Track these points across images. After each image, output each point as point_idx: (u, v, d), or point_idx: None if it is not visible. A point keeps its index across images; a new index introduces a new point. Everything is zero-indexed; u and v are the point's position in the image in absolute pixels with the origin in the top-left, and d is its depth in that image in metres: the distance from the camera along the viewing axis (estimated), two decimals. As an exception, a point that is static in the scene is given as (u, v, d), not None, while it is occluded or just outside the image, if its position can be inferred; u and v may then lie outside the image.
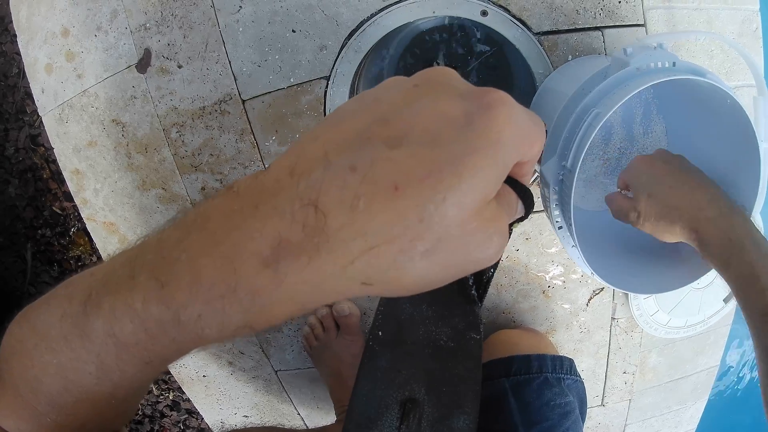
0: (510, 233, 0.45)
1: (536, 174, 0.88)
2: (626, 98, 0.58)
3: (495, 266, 0.60)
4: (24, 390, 0.27)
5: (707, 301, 0.98)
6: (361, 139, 0.21)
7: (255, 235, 0.21)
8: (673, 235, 0.63)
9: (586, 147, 0.60)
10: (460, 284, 0.68)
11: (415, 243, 0.20)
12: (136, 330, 0.23)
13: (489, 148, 0.21)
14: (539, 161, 0.74)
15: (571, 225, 0.65)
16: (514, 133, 0.22)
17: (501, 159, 0.21)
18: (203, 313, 0.22)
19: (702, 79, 0.59)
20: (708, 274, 0.96)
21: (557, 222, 0.69)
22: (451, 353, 0.65)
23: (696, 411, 1.16)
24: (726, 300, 0.98)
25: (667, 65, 0.62)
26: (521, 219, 0.28)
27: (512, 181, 0.26)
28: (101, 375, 0.25)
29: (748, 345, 1.24)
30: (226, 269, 0.21)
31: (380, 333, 0.66)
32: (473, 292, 0.71)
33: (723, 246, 0.57)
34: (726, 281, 0.59)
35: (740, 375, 1.24)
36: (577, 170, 0.61)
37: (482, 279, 0.69)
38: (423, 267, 0.21)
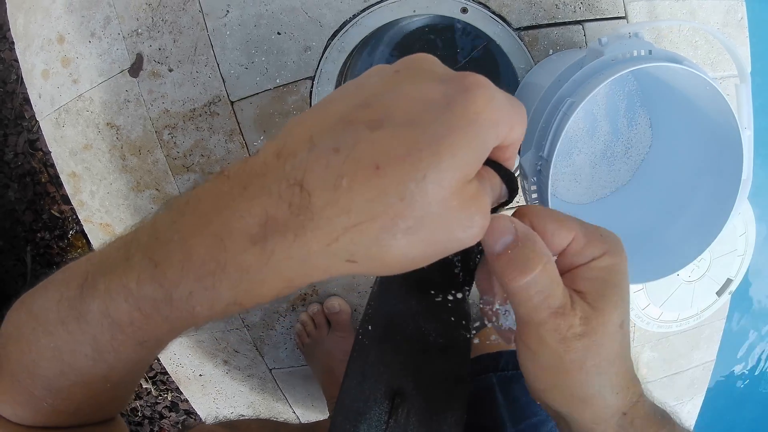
0: None
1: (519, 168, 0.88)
2: (600, 86, 0.59)
3: (481, 253, 0.61)
4: (21, 375, 0.28)
5: (700, 294, 0.97)
6: (344, 122, 0.22)
7: (243, 214, 0.22)
8: (587, 399, 0.33)
9: (562, 135, 0.61)
10: (449, 278, 0.68)
11: (397, 220, 0.21)
12: (130, 309, 0.24)
13: (467, 128, 0.22)
14: (519, 152, 0.74)
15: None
16: (493, 114, 0.22)
17: (480, 138, 0.22)
18: (194, 290, 0.23)
19: (679, 65, 0.60)
20: (698, 265, 0.96)
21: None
22: (440, 349, 0.65)
23: (693, 407, 1.15)
24: (719, 293, 0.97)
25: (642, 53, 0.63)
26: (505, 203, 0.28)
27: (496, 165, 0.26)
28: (96, 357, 0.26)
29: (747, 340, 1.23)
30: (216, 247, 0.22)
31: (369, 327, 0.66)
32: (464, 287, 0.71)
33: None
34: None
35: (739, 370, 1.23)
36: (554, 159, 0.62)
37: (469, 266, 0.69)
38: (405, 244, 0.22)
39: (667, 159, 0.79)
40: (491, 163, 0.26)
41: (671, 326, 0.99)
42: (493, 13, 0.82)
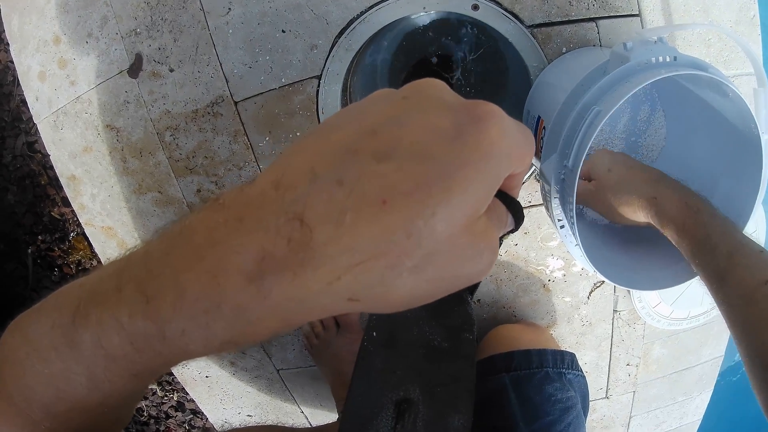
0: (500, 245, 0.44)
1: (533, 168, 0.87)
2: (628, 95, 0.57)
3: None
4: (18, 398, 0.27)
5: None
6: (348, 152, 0.21)
7: (239, 250, 0.20)
8: (630, 207, 0.65)
9: (589, 146, 0.59)
10: None
11: (403, 259, 0.20)
12: (122, 343, 0.23)
13: (480, 162, 0.20)
14: (539, 158, 0.73)
15: (573, 224, 0.64)
16: (506, 145, 0.21)
17: (493, 172, 0.21)
18: (187, 328, 0.22)
19: (704, 73, 0.58)
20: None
21: (559, 221, 0.68)
22: (444, 353, 0.65)
23: (701, 402, 1.16)
24: (729, 290, 0.97)
25: (668, 59, 0.61)
26: (511, 231, 0.27)
27: (501, 194, 0.25)
28: (91, 386, 0.25)
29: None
30: (209, 284, 0.21)
31: (375, 333, 0.66)
32: (465, 292, 0.70)
33: (680, 210, 0.60)
34: (682, 249, 0.61)
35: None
36: (579, 169, 0.60)
37: None
38: (411, 283, 0.20)
39: (682, 161, 0.78)
40: (497, 192, 0.25)
41: (681, 324, 0.99)
42: (506, 10, 0.79)
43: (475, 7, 0.79)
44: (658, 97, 0.79)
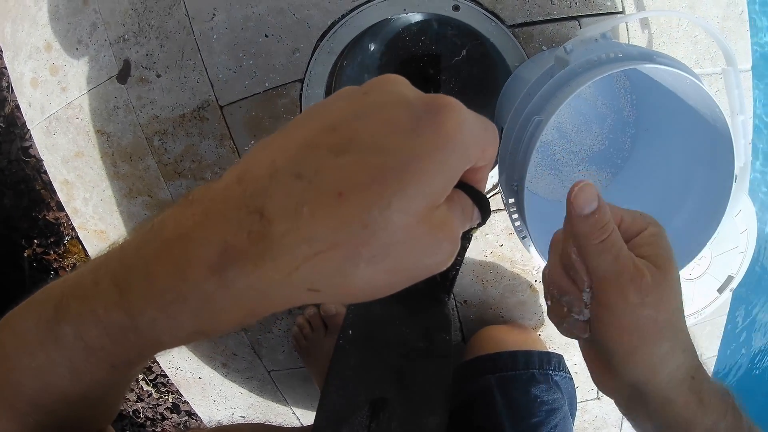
0: (470, 239, 0.44)
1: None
2: (567, 100, 0.55)
3: (459, 264, 0.60)
4: (7, 392, 0.28)
5: (700, 292, 0.96)
6: (307, 146, 0.21)
7: (203, 242, 0.21)
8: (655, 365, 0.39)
9: (531, 158, 0.57)
10: (428, 285, 0.67)
11: (360, 249, 0.20)
12: (100, 335, 0.24)
13: (436, 153, 0.21)
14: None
15: (528, 237, 0.63)
16: (463, 137, 0.22)
17: (449, 164, 0.21)
18: (157, 318, 0.23)
19: (650, 64, 0.57)
20: (698, 263, 0.94)
21: (520, 231, 0.67)
22: (421, 353, 0.65)
23: (696, 403, 1.14)
24: (720, 290, 0.96)
25: (612, 56, 0.59)
26: (479, 225, 0.28)
27: (467, 187, 0.25)
28: (74, 378, 0.26)
29: (747, 335, 1.21)
30: (176, 276, 0.22)
31: (350, 332, 0.66)
32: (442, 292, 0.70)
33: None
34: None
35: (741, 365, 1.21)
36: (525, 183, 0.58)
37: (447, 277, 0.69)
38: (369, 273, 0.21)
39: (657, 154, 0.77)
40: (462, 185, 0.25)
41: (672, 324, 0.98)
42: (486, 10, 0.79)
43: (456, 8, 0.79)
44: (632, 92, 0.78)
